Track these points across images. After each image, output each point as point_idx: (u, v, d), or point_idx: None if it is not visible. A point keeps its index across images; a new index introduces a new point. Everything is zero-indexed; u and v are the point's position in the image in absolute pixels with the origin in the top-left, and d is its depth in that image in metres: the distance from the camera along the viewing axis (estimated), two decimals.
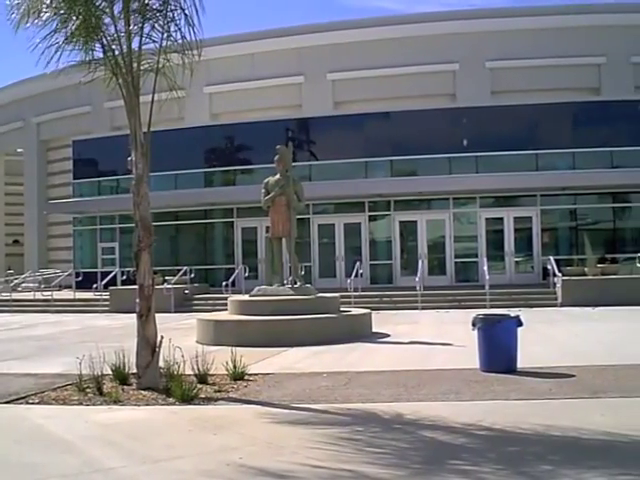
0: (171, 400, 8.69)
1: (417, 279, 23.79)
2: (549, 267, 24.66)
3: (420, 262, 26.32)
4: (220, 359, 10.13)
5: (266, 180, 17.41)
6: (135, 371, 9.60)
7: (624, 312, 20.09)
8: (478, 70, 30.67)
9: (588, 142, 27.08)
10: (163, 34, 9.84)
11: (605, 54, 30.19)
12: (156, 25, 9.87)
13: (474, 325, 10.69)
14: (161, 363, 9.52)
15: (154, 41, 9.87)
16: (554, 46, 29.88)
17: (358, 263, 26.19)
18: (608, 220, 28.46)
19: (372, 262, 28.50)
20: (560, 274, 23.64)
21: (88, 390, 9.14)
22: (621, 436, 6.59)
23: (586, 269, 24.30)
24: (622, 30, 29.41)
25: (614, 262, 25.23)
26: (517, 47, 30.08)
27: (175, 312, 23.91)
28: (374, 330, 16.29)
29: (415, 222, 28.46)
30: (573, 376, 9.85)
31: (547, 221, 28.21)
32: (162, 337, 9.60)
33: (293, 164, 17.66)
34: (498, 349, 10.46)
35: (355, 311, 17.31)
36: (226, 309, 17.32)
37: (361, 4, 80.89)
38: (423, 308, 22.87)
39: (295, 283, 17.02)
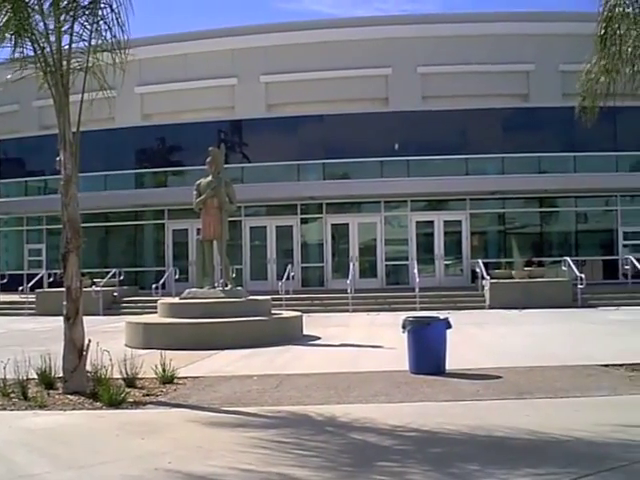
0: (98, 404, 8.53)
1: (348, 282, 23.91)
2: (478, 270, 25.13)
3: (351, 265, 26.48)
4: (149, 362, 9.99)
5: (198, 182, 17.26)
6: (62, 375, 9.39)
7: (550, 314, 20.60)
8: (410, 75, 31.05)
9: (517, 147, 27.69)
10: (93, 32, 9.66)
11: (534, 62, 30.92)
12: (86, 23, 9.68)
13: (404, 327, 10.80)
14: (88, 367, 9.33)
15: (84, 39, 9.69)
16: (484, 53, 30.45)
17: (290, 266, 26.20)
18: (535, 224, 29.16)
19: (304, 265, 28.54)
20: (488, 277, 24.11)
21: (12, 395, 8.90)
22: (546, 436, 6.75)
23: (513, 272, 24.85)
24: (551, 38, 30.15)
25: (541, 265, 25.86)
26: (448, 53, 30.55)
27: (104, 315, 23.47)
28: (305, 333, 16.31)
29: (347, 225, 28.62)
30: (500, 377, 10.04)
31: (476, 225, 28.73)
32: (90, 340, 9.40)
33: (225, 166, 17.58)
34: (427, 351, 10.59)
35: (286, 314, 17.30)
36: (156, 312, 17.07)
37: (295, 7, 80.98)
38: (354, 311, 23.00)
39: (226, 286, 16.92)
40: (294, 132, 28.93)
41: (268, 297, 17.86)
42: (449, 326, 10.82)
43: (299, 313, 17.20)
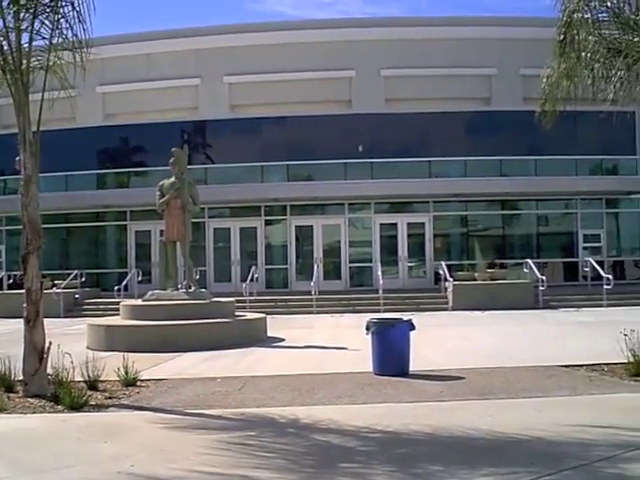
0: (60, 408, 8.42)
1: (312, 283, 23.92)
2: (441, 272, 25.32)
3: (315, 267, 26.51)
4: (112, 365, 9.89)
5: (161, 183, 17.13)
6: (22, 378, 9.24)
7: (512, 316, 20.83)
8: (373, 78, 31.14)
9: (479, 150, 27.96)
10: (54, 31, 9.52)
11: (495, 66, 31.22)
12: (46, 21, 9.54)
13: (368, 329, 10.84)
14: (49, 370, 9.20)
15: (44, 38, 9.56)
16: (447, 56, 30.67)
17: (254, 267, 26.14)
18: (497, 227, 29.47)
19: (268, 266, 28.49)
20: (451, 279, 24.31)
21: None
22: (508, 436, 6.82)
23: (476, 274, 25.09)
24: (512, 43, 30.45)
25: (503, 267, 26.14)
26: (411, 56, 30.69)
27: (65, 317, 23.19)
28: (269, 335, 16.28)
29: (311, 227, 28.64)
30: (463, 378, 10.12)
31: (439, 227, 28.92)
32: (50, 343, 9.28)
33: (188, 167, 17.47)
34: (391, 353, 10.63)
35: (250, 316, 17.26)
36: (118, 314, 16.91)
37: (259, 8, 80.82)
38: (318, 312, 23.01)
39: (189, 287, 16.82)
40: (258, 133, 28.86)
41: (232, 299, 17.79)
42: (413, 328, 10.88)
43: (263, 315, 17.17)
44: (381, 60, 30.93)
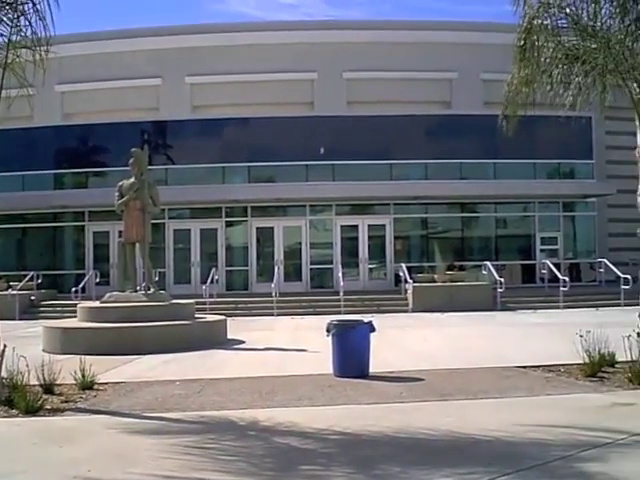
0: (14, 412, 8.27)
1: (273, 285, 23.87)
2: (401, 274, 25.46)
3: (276, 268, 26.47)
4: (68, 368, 9.73)
5: (120, 183, 16.95)
6: None
7: (471, 317, 21.03)
8: (335, 80, 31.20)
9: (439, 154, 28.19)
10: (12, 28, 9.36)
11: (457, 70, 31.50)
12: (5, 18, 9.37)
13: (328, 331, 10.84)
14: (4, 373, 9.01)
15: (3, 35, 9.39)
16: (409, 60, 30.86)
17: (214, 269, 25.97)
18: (457, 229, 29.76)
19: (228, 268, 28.36)
20: (411, 281, 24.46)
21: None
22: (466, 436, 6.88)
23: (436, 276, 25.28)
24: (473, 48, 30.77)
25: (462, 269, 26.38)
26: (373, 59, 30.82)
27: (20, 319, 22.78)
28: (229, 337, 16.20)
29: (272, 228, 28.59)
30: (422, 379, 10.18)
31: (400, 229, 29.08)
32: (5, 346, 9.09)
33: (149, 167, 17.31)
34: (351, 354, 10.65)
35: (210, 318, 17.14)
36: (75, 316, 16.66)
37: (222, 8, 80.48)
38: (279, 314, 22.96)
39: (148, 289, 16.65)
40: (219, 134, 28.75)
41: (192, 301, 17.64)
42: (373, 329, 10.91)
43: (223, 317, 17.06)
44: (343, 63, 31.01)
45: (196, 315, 16.78)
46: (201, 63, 30.96)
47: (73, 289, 24.99)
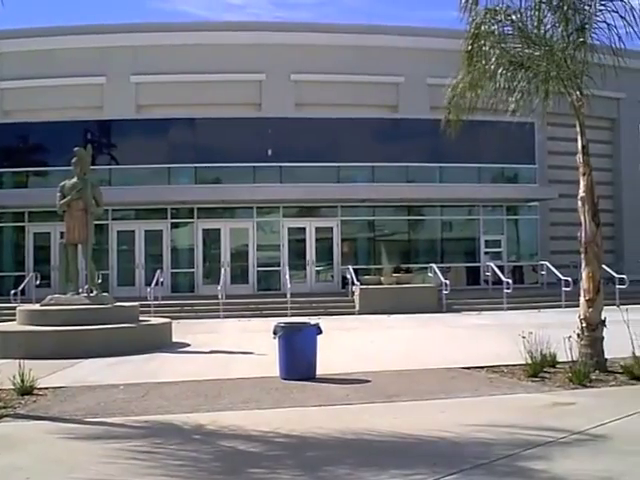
0: None
1: (219, 288, 23.71)
2: (348, 276, 25.55)
3: (223, 270, 26.30)
4: (7, 373, 9.52)
5: (62, 183, 16.61)
6: None
7: (417, 319, 21.20)
8: (283, 82, 31.16)
9: (386, 157, 28.40)
10: None
11: (404, 74, 31.75)
12: None
13: (275, 333, 10.80)
14: None
15: None
16: (357, 63, 30.98)
17: (159, 271, 25.66)
18: (403, 232, 30.02)
19: (174, 270, 28.06)
20: (358, 283, 24.56)
21: None
22: (413, 437, 6.93)
23: (382, 278, 25.43)
24: (420, 52, 31.06)
25: (408, 272, 26.61)
26: (321, 62, 30.87)
27: None
28: (174, 340, 16.02)
29: (218, 230, 28.40)
30: (369, 381, 10.22)
31: (347, 231, 29.21)
32: None
33: (92, 167, 17.03)
34: (298, 357, 10.63)
35: (155, 320, 16.93)
36: (14, 319, 16.29)
37: (166, 7, 79.80)
38: (225, 317, 22.81)
39: (91, 292, 16.35)
40: (165, 135, 28.44)
41: (136, 303, 17.42)
42: (320, 332, 10.91)
43: (168, 320, 16.88)
44: (291, 64, 30.98)
45: (140, 318, 16.55)
46: (146, 62, 30.55)
47: (12, 292, 24.44)
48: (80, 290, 16.59)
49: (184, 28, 31.52)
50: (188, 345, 15.53)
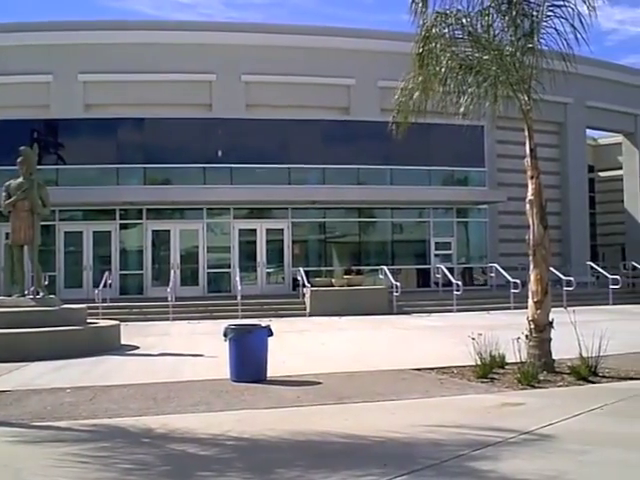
0: None
1: (169, 290, 23.46)
2: (299, 278, 25.55)
3: (172, 272, 26.05)
4: None
5: (8, 183, 16.26)
6: None
7: (368, 321, 21.29)
8: (234, 82, 31.02)
9: (337, 159, 28.49)
10: None
11: (355, 76, 31.89)
12: None
13: (225, 335, 10.74)
14: None
15: None
16: (308, 65, 31.01)
17: (107, 273, 25.29)
18: (354, 234, 30.12)
19: (122, 272, 27.69)
20: (309, 285, 24.57)
21: None
22: (363, 438, 6.93)
23: (333, 280, 25.49)
24: (371, 55, 31.24)
25: (359, 274, 26.72)
26: (272, 63, 30.80)
27: None
28: (123, 342, 15.81)
29: (168, 231, 28.13)
30: (320, 383, 10.21)
31: (298, 233, 29.20)
32: None
33: (38, 167, 16.72)
34: (249, 359, 10.58)
35: (103, 323, 16.70)
36: None
37: (117, 6, 78.92)
38: (175, 319, 22.59)
39: (37, 294, 16.06)
40: (114, 134, 28.05)
41: (83, 305, 17.17)
42: (270, 334, 10.89)
43: (117, 322, 16.65)
44: (242, 65, 30.87)
45: (88, 320, 16.32)
46: (95, 61, 30.10)
47: None
48: (26, 292, 16.28)
49: (134, 27, 31.15)
50: (137, 348, 15.34)
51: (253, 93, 31.19)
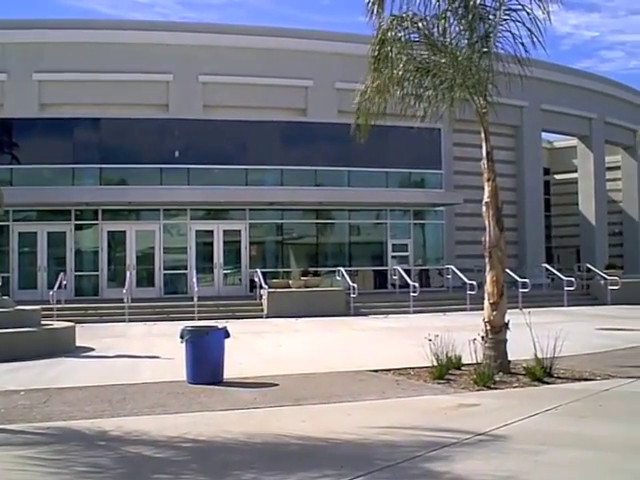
0: None
1: (124, 291, 23.19)
2: (256, 279, 25.46)
3: (128, 273, 25.74)
4: None
5: None
6: None
7: (325, 322, 21.32)
8: (191, 83, 30.80)
9: (295, 160, 28.47)
10: None
11: (312, 78, 31.92)
12: None
13: (182, 337, 10.68)
14: None
15: None
16: (265, 66, 30.93)
17: (62, 274, 24.90)
18: (312, 235, 30.15)
19: (77, 273, 27.31)
20: (266, 286, 24.51)
21: None
22: (320, 440, 6.95)
23: (291, 282, 25.47)
24: (329, 57, 31.31)
25: (317, 275, 26.72)
26: (230, 64, 30.66)
27: None
28: (78, 344, 15.59)
29: (124, 232, 27.82)
30: (277, 385, 10.21)
31: (255, 235, 29.12)
32: None
33: None
34: (205, 361, 10.53)
35: (57, 324, 16.46)
36: None
37: (73, 4, 77.88)
38: (130, 321, 22.33)
39: None
40: (70, 134, 27.64)
41: (38, 307, 16.90)
42: (227, 335, 10.86)
43: (72, 324, 16.42)
44: (200, 66, 30.68)
45: (43, 322, 16.07)
46: (50, 60, 29.66)
47: None
48: None
49: (90, 26, 30.75)
50: (92, 350, 15.15)
51: (210, 94, 31.02)
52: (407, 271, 27.49)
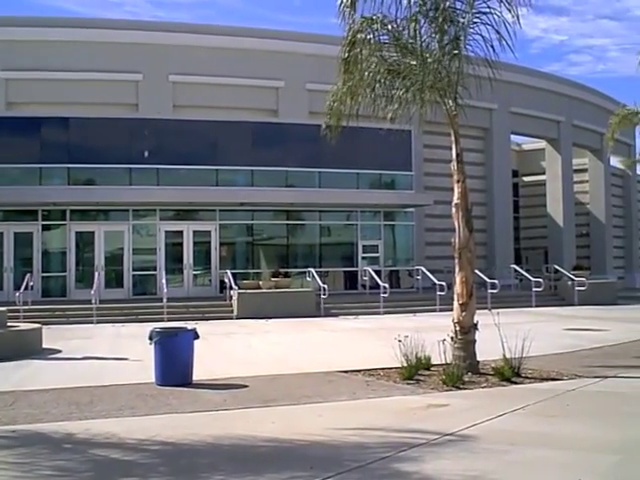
0: None
1: (93, 292, 22.95)
2: (226, 280, 25.36)
3: (96, 274, 25.48)
4: None
5: None
6: None
7: (295, 323, 21.30)
8: (161, 82, 30.60)
9: (266, 161, 28.39)
10: None
11: (283, 79, 31.88)
12: None
13: (151, 339, 10.60)
14: None
15: None
16: (236, 66, 30.84)
17: (29, 275, 24.58)
18: (282, 236, 30.08)
19: (44, 274, 26.98)
20: (236, 287, 24.43)
21: None
22: (289, 442, 6.93)
23: (261, 282, 25.41)
24: (300, 58, 31.30)
25: (287, 276, 26.69)
26: (201, 63, 30.52)
27: None
28: (45, 346, 15.40)
29: (92, 233, 27.54)
30: (246, 386, 10.18)
31: (225, 235, 29.00)
32: None
33: None
34: (174, 362, 10.47)
35: (24, 326, 16.23)
36: None
37: (42, 1, 77.00)
38: (99, 322, 22.11)
39: None
40: (37, 133, 27.28)
41: (3, 308, 16.61)
42: (196, 337, 10.80)
43: (38, 325, 16.20)
44: (170, 65, 30.50)
45: (8, 324, 15.83)
46: (17, 57, 29.29)
47: None
48: None
49: (59, 24, 30.42)
50: (60, 351, 14.97)
51: (180, 94, 30.84)
52: (377, 272, 27.57)
